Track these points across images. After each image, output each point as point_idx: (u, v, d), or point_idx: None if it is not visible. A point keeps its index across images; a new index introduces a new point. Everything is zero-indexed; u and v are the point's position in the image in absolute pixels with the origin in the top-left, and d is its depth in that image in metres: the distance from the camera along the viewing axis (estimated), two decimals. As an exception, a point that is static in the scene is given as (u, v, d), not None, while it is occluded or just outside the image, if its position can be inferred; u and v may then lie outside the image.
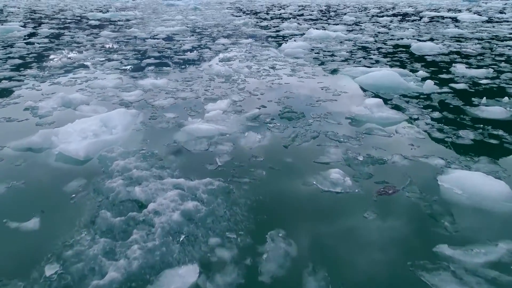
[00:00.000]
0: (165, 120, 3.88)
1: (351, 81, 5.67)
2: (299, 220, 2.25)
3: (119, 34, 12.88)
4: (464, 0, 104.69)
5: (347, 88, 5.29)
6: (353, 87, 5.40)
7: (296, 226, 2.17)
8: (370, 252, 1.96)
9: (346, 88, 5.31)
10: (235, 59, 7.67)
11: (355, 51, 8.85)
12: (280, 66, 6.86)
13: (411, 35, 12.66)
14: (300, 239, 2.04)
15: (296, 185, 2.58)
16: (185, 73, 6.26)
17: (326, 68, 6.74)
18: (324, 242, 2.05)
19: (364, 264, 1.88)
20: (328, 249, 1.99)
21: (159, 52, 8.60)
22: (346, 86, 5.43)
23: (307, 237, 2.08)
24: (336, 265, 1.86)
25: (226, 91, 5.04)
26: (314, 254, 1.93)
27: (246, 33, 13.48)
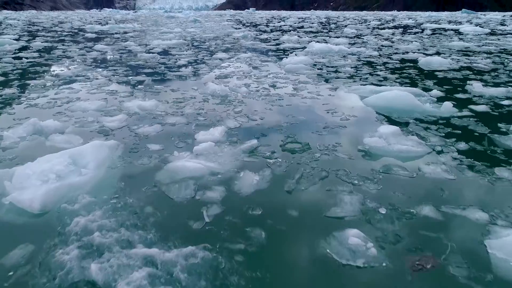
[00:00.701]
0: (147, 154, 3.32)
1: (360, 102, 5.13)
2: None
3: (114, 47, 12.47)
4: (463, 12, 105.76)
5: (356, 111, 4.74)
6: (363, 109, 4.86)
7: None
8: None
9: (355, 111, 4.76)
10: (233, 76, 7.17)
11: (360, 67, 8.36)
12: (281, 84, 6.35)
13: (416, 49, 12.23)
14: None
15: (305, 255, 2.00)
16: (177, 93, 5.73)
17: (331, 86, 6.22)
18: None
19: None
20: None
21: (152, 68, 8.12)
22: (355, 108, 4.88)
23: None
24: None
25: (221, 115, 4.50)
26: None
27: (245, 47, 13.07)
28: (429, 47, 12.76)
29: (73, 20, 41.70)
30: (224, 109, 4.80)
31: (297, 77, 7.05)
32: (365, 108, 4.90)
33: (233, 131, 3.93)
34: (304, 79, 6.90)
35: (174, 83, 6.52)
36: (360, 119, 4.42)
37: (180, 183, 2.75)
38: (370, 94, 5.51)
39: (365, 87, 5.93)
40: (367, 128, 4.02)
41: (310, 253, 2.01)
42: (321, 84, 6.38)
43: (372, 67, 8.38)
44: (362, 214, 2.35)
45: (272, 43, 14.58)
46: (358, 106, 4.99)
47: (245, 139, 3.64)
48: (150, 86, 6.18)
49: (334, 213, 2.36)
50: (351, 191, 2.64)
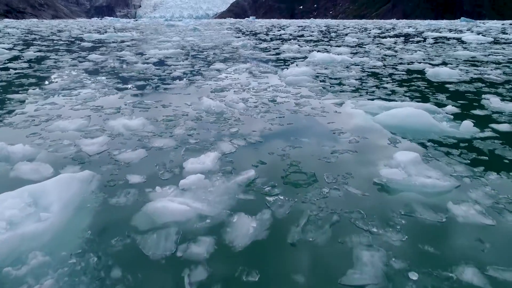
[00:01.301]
0: (125, 189, 2.81)
1: (369, 121, 4.64)
2: None
3: (108, 57, 12.06)
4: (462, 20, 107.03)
5: (366, 131, 4.25)
6: (373, 129, 4.37)
7: None
8: None
9: (365, 131, 4.27)
10: (230, 89, 6.70)
11: (365, 78, 7.90)
12: (281, 99, 5.87)
13: (420, 58, 11.82)
14: None
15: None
16: (169, 109, 5.25)
17: (336, 101, 5.74)
18: None
19: None
20: None
21: (145, 80, 7.66)
22: (364, 128, 4.39)
23: None
24: None
25: (214, 137, 4.00)
26: None
27: (244, 56, 12.67)
28: (434, 57, 12.35)
29: (72, 29, 41.59)
30: (218, 129, 4.31)
31: (299, 91, 6.58)
32: (376, 128, 4.40)
33: (228, 158, 3.43)
34: (307, 92, 6.43)
35: (166, 98, 6.04)
36: (371, 142, 3.92)
37: (159, 231, 2.24)
38: (380, 111, 5.04)
39: (373, 102, 5.46)
40: (382, 154, 3.52)
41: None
42: (325, 99, 5.91)
43: (377, 78, 7.92)
44: (388, 280, 1.84)
45: (272, 52, 14.19)
46: (367, 125, 4.50)
47: (241, 168, 3.14)
48: (139, 101, 5.71)
49: (351, 280, 1.85)
50: (370, 243, 2.13)
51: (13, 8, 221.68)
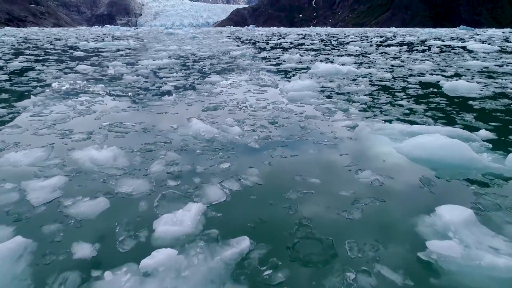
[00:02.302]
0: (63, 273, 1.96)
1: (392, 152, 3.80)
2: None
3: (97, 68, 11.30)
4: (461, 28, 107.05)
5: (391, 168, 3.41)
6: (399, 164, 3.52)
7: None
8: None
9: (389, 167, 3.43)
10: (224, 107, 5.88)
11: (376, 93, 7.10)
12: (283, 120, 5.04)
13: (431, 69, 11.06)
14: None
15: None
16: (150, 135, 4.41)
17: (347, 123, 4.91)
18: None
19: None
20: None
21: (130, 96, 6.85)
22: (388, 163, 3.55)
23: None
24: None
25: (200, 177, 3.16)
26: None
27: (243, 67, 11.91)
28: (445, 67, 11.59)
29: (70, 37, 41.15)
30: (206, 164, 3.47)
31: (303, 109, 5.76)
32: (402, 163, 3.56)
33: (215, 212, 2.58)
34: (312, 111, 5.61)
35: (150, 118, 5.22)
36: (400, 185, 3.07)
37: None
38: (402, 137, 4.21)
39: (392, 125, 4.62)
40: (418, 205, 2.68)
41: None
42: (334, 120, 5.08)
43: (390, 93, 7.11)
44: None
45: (272, 62, 13.44)
46: (391, 158, 3.66)
47: (232, 231, 2.29)
48: (118, 123, 4.87)
49: None
50: None
51: (14, 17, 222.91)
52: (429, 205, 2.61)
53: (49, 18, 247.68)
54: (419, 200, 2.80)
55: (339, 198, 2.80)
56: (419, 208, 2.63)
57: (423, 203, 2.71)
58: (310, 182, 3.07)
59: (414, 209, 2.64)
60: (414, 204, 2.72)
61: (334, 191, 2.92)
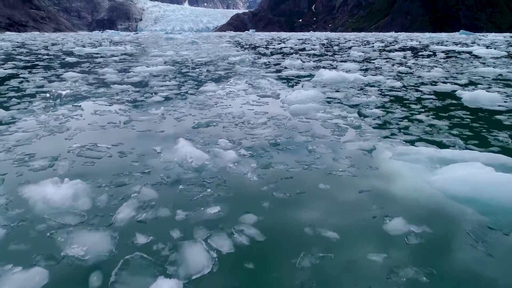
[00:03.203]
0: None
1: (424, 187, 3.03)
2: None
3: (85, 76, 10.58)
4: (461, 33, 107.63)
5: (427, 212, 2.64)
6: (436, 205, 2.76)
7: None
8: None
9: (424, 211, 2.66)
10: (218, 123, 5.13)
11: (390, 106, 6.35)
12: (286, 142, 4.29)
13: (442, 77, 10.34)
14: None
15: None
16: (126, 162, 3.65)
17: (363, 145, 4.15)
18: None
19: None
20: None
21: (114, 110, 6.10)
22: (421, 204, 2.79)
23: None
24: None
25: (180, 230, 2.40)
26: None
27: (241, 74, 11.19)
28: (456, 75, 10.87)
29: (68, 42, 40.57)
30: (190, 206, 2.71)
31: (309, 126, 5.02)
32: (440, 203, 2.79)
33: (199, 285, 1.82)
34: (319, 129, 4.86)
35: (130, 138, 4.46)
36: (446, 242, 2.30)
37: None
38: (432, 165, 3.46)
39: (417, 149, 3.86)
40: (480, 279, 1.91)
41: None
42: (347, 141, 4.32)
43: (404, 106, 6.37)
44: None
45: (272, 69, 12.73)
46: (424, 197, 2.89)
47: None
48: (91, 146, 4.11)
49: None
50: None
51: (15, 22, 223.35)
52: (494, 278, 1.85)
53: (49, 23, 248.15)
54: (477, 272, 2.03)
55: (368, 267, 2.03)
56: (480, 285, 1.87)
57: (486, 277, 1.95)
58: (326, 239, 2.30)
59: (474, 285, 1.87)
60: (473, 279, 1.96)
61: (359, 254, 2.15)
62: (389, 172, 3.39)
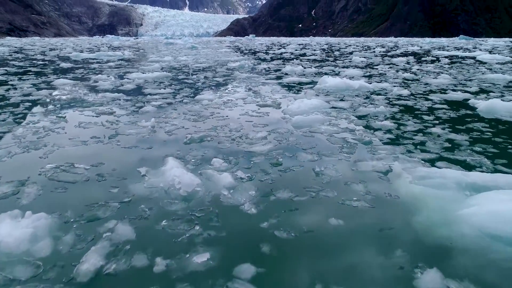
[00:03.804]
0: None
1: (457, 222, 2.52)
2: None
3: (77, 83, 10.12)
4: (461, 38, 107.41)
5: (464, 259, 2.14)
6: (476, 249, 2.25)
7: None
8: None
9: (461, 259, 2.15)
10: (213, 138, 4.63)
11: (400, 117, 5.86)
12: (289, 162, 3.78)
13: (450, 84, 9.88)
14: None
15: None
16: (104, 186, 3.14)
17: (376, 165, 3.65)
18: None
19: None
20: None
21: (101, 121, 5.60)
22: (456, 247, 2.28)
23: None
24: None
25: (162, 286, 1.88)
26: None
27: (240, 81, 10.72)
28: (465, 82, 10.40)
29: (66, 47, 40.25)
30: (172, 252, 2.20)
31: (313, 141, 4.51)
32: (480, 245, 2.28)
33: None
34: (325, 145, 4.36)
35: (113, 156, 3.96)
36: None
37: None
38: (461, 192, 2.96)
39: (441, 171, 3.34)
40: None
41: None
42: (358, 160, 3.81)
43: (416, 117, 5.88)
44: None
45: (272, 75, 12.28)
46: (459, 237, 2.38)
47: None
48: (66, 167, 3.61)
49: None
50: None
51: (16, 27, 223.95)
52: None
53: (50, 28, 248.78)
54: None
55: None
56: None
57: None
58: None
59: None
60: None
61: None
62: (411, 202, 2.88)
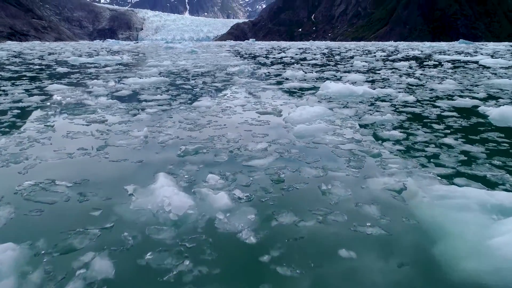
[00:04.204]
0: None
1: (489, 255, 2.17)
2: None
3: (72, 88, 9.82)
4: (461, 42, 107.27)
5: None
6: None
7: None
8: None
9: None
10: (209, 150, 4.29)
11: (408, 126, 5.53)
12: (292, 178, 3.44)
13: (456, 90, 9.57)
14: None
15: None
16: (85, 208, 2.80)
17: (387, 181, 3.30)
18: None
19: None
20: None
21: (92, 131, 5.27)
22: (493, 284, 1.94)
23: None
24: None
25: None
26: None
27: (239, 86, 10.41)
28: (471, 87, 10.09)
29: (65, 51, 40.05)
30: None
31: (318, 154, 4.18)
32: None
33: None
34: (331, 158, 4.02)
35: (98, 173, 3.62)
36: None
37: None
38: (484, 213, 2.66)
39: (461, 190, 3.00)
40: None
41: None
42: (368, 177, 3.47)
43: (425, 125, 5.55)
44: None
45: (273, 80, 11.98)
46: (491, 271, 2.04)
47: None
48: (47, 183, 3.26)
49: None
50: None
51: (16, 31, 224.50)
52: None
53: (51, 33, 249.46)
54: None
55: None
56: None
57: None
58: None
59: None
60: None
61: None
62: (432, 228, 2.54)
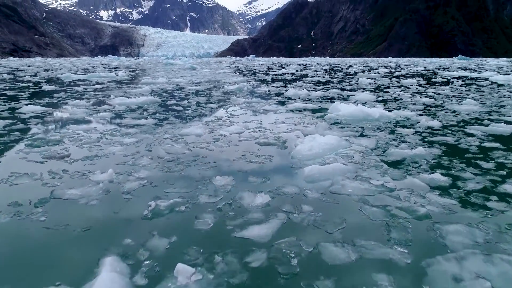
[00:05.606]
0: None
1: None
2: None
3: (47, 110, 8.70)
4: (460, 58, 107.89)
5: None
6: None
7: None
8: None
9: None
10: (190, 208, 3.10)
11: (449, 163, 4.36)
12: (305, 262, 2.23)
13: (482, 112, 8.47)
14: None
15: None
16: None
17: (448, 267, 2.11)
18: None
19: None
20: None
21: (42, 172, 4.09)
22: None
23: None
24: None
25: None
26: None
27: (237, 108, 9.30)
28: (497, 108, 9.00)
29: (63, 67, 39.43)
30: None
31: (340, 215, 2.99)
32: None
33: None
34: (361, 226, 2.83)
35: (12, 258, 2.43)
36: None
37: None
38: None
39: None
40: None
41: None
42: (423, 263, 2.28)
43: (470, 164, 4.38)
44: None
45: (274, 100, 10.91)
46: None
47: None
48: None
49: None
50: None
51: (19, 47, 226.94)
52: None
53: (53, 49, 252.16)
54: None
55: None
56: None
57: None
58: None
59: None
60: None
61: None
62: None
